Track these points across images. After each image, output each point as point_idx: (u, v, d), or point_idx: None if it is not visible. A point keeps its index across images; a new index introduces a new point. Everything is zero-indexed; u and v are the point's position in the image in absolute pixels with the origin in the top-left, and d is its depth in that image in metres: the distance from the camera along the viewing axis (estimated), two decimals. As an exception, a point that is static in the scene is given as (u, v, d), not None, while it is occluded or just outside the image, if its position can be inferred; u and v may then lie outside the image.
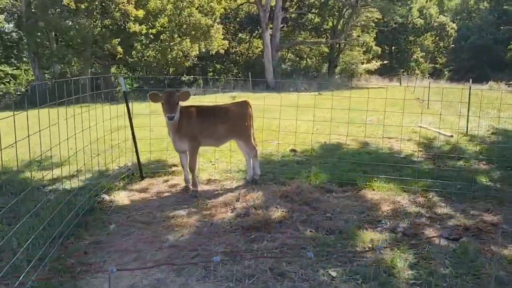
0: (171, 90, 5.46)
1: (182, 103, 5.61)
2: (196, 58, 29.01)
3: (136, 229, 4.55)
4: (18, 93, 27.33)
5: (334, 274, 3.68)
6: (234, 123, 6.03)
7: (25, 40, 26.97)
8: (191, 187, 5.83)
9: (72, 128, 4.84)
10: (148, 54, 24.96)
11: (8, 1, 28.95)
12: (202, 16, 25.50)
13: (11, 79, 28.21)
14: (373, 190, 6.04)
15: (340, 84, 33.16)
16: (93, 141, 5.80)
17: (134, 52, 24.98)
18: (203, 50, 27.37)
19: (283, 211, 5.04)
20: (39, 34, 25.31)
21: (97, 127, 5.74)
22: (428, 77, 41.94)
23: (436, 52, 51.62)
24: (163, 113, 5.45)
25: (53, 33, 25.82)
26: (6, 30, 32.25)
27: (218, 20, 28.05)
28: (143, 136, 7.09)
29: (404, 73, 39.76)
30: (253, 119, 6.39)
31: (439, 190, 5.90)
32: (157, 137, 8.00)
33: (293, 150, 8.40)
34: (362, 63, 41.23)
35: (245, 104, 6.22)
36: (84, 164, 6.18)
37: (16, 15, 29.82)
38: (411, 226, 4.82)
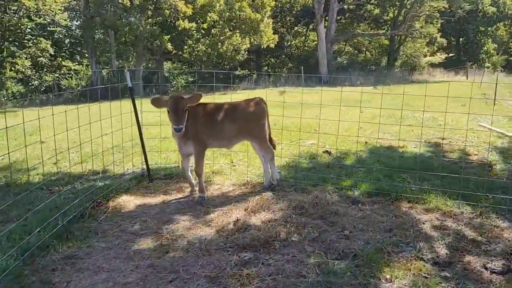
0: (178, 95, 4.83)
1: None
2: (246, 52, 28.57)
3: (121, 241, 4.09)
4: (79, 87, 28.52)
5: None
6: (245, 122, 5.37)
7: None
8: (197, 193, 5.31)
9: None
10: (198, 48, 24.89)
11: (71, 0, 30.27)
12: (252, 11, 24.96)
13: (73, 74, 29.49)
14: (409, 202, 5.16)
15: (399, 78, 31.26)
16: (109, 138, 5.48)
17: (185, 47, 25.05)
18: (255, 43, 26.84)
19: (292, 226, 4.36)
20: (99, 30, 26.23)
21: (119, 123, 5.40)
22: (501, 70, 38.44)
23: (510, 43, 47.23)
24: (169, 121, 4.85)
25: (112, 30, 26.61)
26: (72, 28, 33.88)
27: (269, 14, 27.35)
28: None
29: (473, 66, 36.68)
30: (269, 118, 5.73)
31: (491, 206, 4.90)
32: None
33: (327, 152, 7.61)
34: (425, 55, 38.63)
35: (258, 101, 5.56)
36: (97, 156, 5.88)
37: (78, 13, 31.19)
38: (447, 251, 3.94)
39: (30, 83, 25.96)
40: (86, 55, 33.29)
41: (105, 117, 5.41)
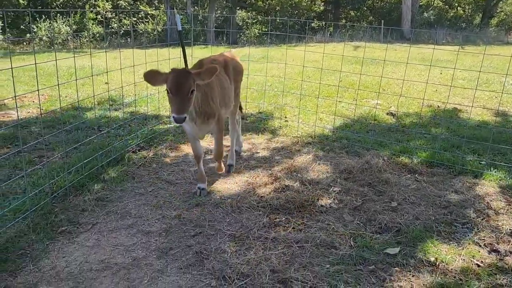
0: (182, 70, 3.41)
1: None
2: (323, 3, 27.10)
3: (155, 188, 4.02)
4: (154, 32, 29.06)
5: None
6: (236, 79, 4.53)
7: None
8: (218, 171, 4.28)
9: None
10: (272, -4, 23.99)
11: None
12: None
13: (150, 19, 30.05)
14: (475, 177, 4.55)
15: (493, 39, 28.08)
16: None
17: (259, -6, 24.26)
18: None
19: (334, 191, 4.02)
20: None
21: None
22: None
23: None
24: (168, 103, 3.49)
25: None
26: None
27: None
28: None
29: None
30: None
31: None
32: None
33: (391, 114, 6.98)
34: (528, 13, 34.09)
35: (232, 55, 4.77)
36: (152, 99, 5.85)
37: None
38: (511, 239, 3.40)
39: (109, 26, 26.89)
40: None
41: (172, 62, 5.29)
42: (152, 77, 3.33)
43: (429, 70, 5.85)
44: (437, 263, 3.05)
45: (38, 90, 3.33)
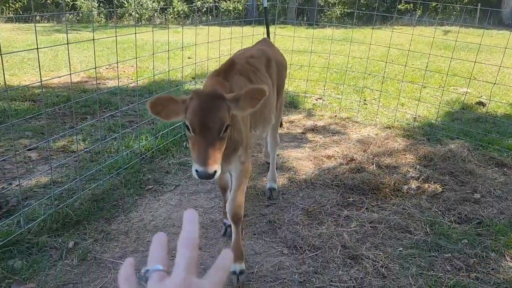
0: (211, 93, 1.98)
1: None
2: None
3: (233, 158, 4.19)
4: (235, 11, 29.50)
5: None
6: (279, 81, 3.31)
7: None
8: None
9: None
10: (358, -24, 23.06)
11: None
12: None
13: (233, -3, 30.45)
14: None
15: None
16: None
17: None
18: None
19: (412, 177, 3.91)
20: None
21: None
22: None
23: None
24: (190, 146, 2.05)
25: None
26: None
27: None
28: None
29: None
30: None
31: None
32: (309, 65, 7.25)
33: (480, 103, 6.53)
34: None
35: (269, 44, 3.57)
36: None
37: None
38: None
39: (193, 3, 27.71)
40: (248, -21, 33.82)
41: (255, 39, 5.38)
42: (163, 106, 1.91)
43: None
44: (520, 260, 2.89)
45: (136, 58, 3.60)
